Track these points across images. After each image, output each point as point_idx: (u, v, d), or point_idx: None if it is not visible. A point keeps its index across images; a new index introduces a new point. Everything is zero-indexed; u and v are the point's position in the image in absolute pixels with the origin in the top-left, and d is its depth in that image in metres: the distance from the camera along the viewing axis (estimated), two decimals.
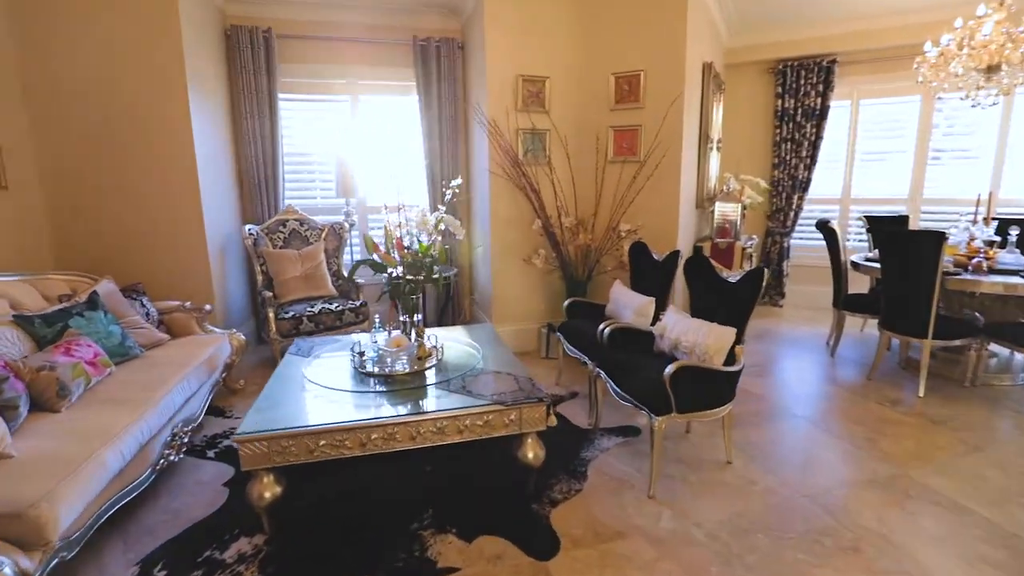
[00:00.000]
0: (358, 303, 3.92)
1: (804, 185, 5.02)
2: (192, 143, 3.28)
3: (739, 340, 2.30)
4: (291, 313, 3.64)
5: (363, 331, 3.74)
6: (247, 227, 3.89)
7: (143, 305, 2.99)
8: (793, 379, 3.57)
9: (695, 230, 4.34)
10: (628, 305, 3.04)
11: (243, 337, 3.36)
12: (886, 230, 3.39)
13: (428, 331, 2.85)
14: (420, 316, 2.62)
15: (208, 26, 3.69)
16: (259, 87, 4.08)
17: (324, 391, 2.22)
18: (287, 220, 4.17)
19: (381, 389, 2.24)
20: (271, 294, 3.77)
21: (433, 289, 4.65)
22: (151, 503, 2.19)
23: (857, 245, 5.05)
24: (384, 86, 4.49)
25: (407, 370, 2.38)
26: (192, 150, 3.29)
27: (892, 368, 3.65)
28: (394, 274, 2.54)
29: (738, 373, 2.27)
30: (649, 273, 3.21)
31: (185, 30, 3.20)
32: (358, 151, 4.53)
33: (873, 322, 3.92)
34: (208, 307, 3.24)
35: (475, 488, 2.29)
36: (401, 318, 2.59)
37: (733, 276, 2.47)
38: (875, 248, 3.76)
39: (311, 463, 1.93)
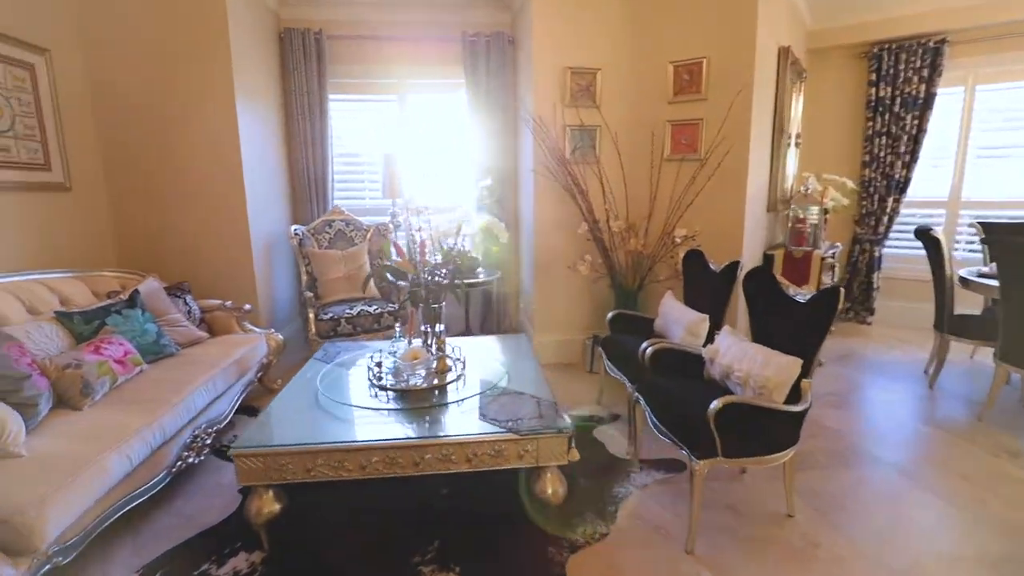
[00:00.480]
0: (397, 306, 3.84)
1: (901, 186, 4.35)
2: (238, 145, 3.33)
3: (806, 373, 1.92)
4: (330, 315, 3.62)
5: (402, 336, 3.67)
6: (294, 227, 3.93)
7: (186, 303, 3.06)
8: (879, 413, 3.04)
9: (766, 236, 3.86)
10: (678, 321, 2.70)
11: (280, 337, 3.38)
12: (1009, 240, 2.79)
13: (454, 341, 2.69)
14: (443, 326, 2.45)
15: (261, 30, 3.76)
16: (310, 88, 4.12)
17: (332, 404, 2.11)
18: (333, 221, 4.18)
19: (390, 406, 2.09)
20: (312, 294, 3.78)
21: (477, 294, 4.50)
22: (167, 504, 2.19)
23: (967, 256, 4.30)
24: (432, 84, 4.40)
25: (422, 385, 2.21)
26: (238, 152, 3.34)
27: (1012, 408, 3.02)
28: (414, 280, 2.38)
29: (803, 414, 1.89)
30: (704, 286, 2.85)
31: (234, 36, 3.25)
32: (405, 151, 4.47)
33: (987, 350, 3.29)
34: (247, 306, 3.27)
35: (490, 520, 2.08)
36: (422, 327, 2.44)
37: (802, 295, 2.08)
38: (992, 261, 3.14)
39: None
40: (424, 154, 4.54)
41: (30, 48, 2.72)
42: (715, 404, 1.78)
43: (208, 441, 2.41)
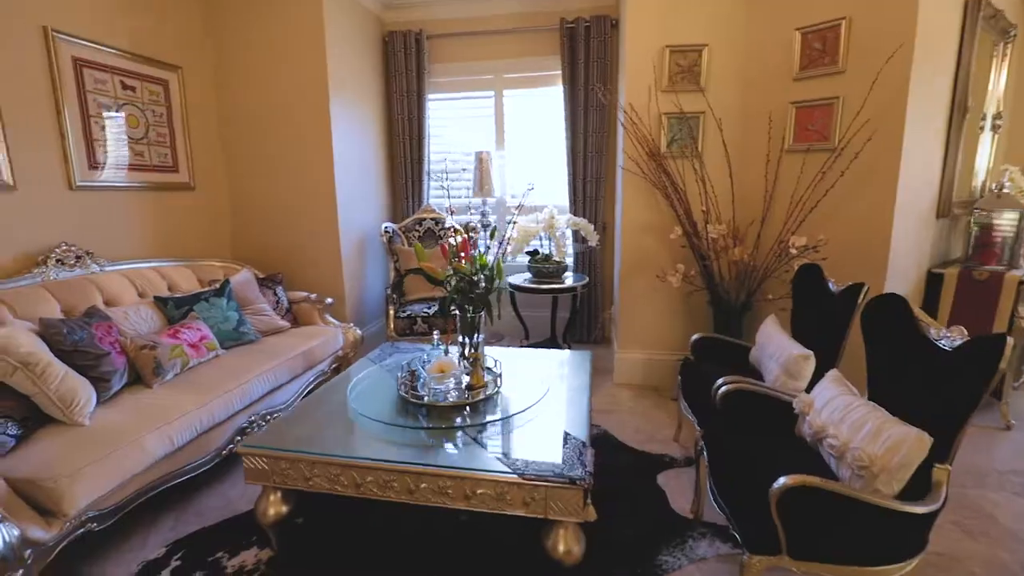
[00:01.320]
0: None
1: None
2: (330, 147, 3.50)
3: (943, 455, 1.32)
4: (407, 312, 3.64)
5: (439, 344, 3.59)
6: (384, 225, 4.05)
7: (275, 294, 3.29)
8: None
9: (933, 250, 2.94)
10: (775, 356, 2.14)
11: (359, 332, 3.48)
12: None
13: (498, 353, 2.47)
14: (481, 336, 2.25)
15: (362, 36, 3.91)
16: (409, 88, 4.20)
17: (351, 411, 2.03)
18: (423, 219, 4.22)
19: (400, 422, 1.94)
20: (394, 292, 3.85)
21: (565, 300, 4.20)
22: (215, 485, 2.33)
23: None
24: (528, 78, 4.20)
25: (441, 402, 2.03)
26: (330, 154, 3.51)
27: None
28: (449, 287, 2.21)
29: (928, 517, 1.29)
30: (818, 313, 2.21)
31: (331, 48, 3.41)
32: (498, 149, 4.36)
33: None
34: (329, 300, 3.42)
35: (500, 566, 1.83)
36: (460, 338, 2.26)
37: (948, 337, 1.44)
38: None
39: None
40: (517, 152, 4.38)
41: (165, 67, 3.14)
42: (782, 482, 1.30)
43: (264, 428, 2.53)
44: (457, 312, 2.20)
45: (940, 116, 2.69)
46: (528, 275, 3.92)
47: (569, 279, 3.99)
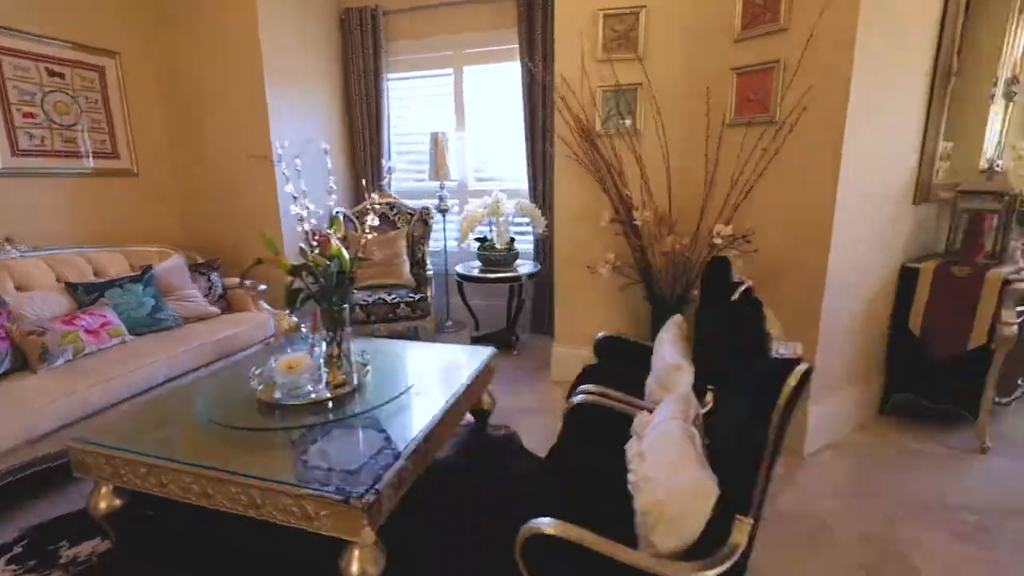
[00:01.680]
0: (416, 296, 3.62)
1: None
2: (268, 133, 3.41)
3: (743, 505, 1.06)
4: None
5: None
6: (336, 210, 3.95)
7: (209, 280, 3.30)
8: None
9: (909, 240, 2.50)
10: (656, 365, 1.87)
11: (294, 319, 3.43)
12: None
13: (375, 346, 2.34)
14: (350, 329, 2.11)
15: (314, 15, 3.79)
16: (367, 68, 4.07)
17: (196, 408, 1.96)
18: (376, 204, 4.11)
19: (242, 424, 1.82)
20: None
21: (517, 289, 3.97)
22: None
23: None
24: (487, 53, 3.95)
25: (285, 402, 1.91)
26: (268, 141, 3.41)
27: None
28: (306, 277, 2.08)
29: None
30: (717, 313, 1.91)
31: (265, 28, 3.30)
32: (458, 130, 4.16)
33: None
34: (263, 287, 3.39)
35: None
36: (324, 332, 2.13)
37: (786, 346, 1.15)
38: None
39: None
40: (479, 132, 4.16)
41: (100, 52, 3.15)
42: (530, 526, 1.08)
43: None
44: (321, 306, 2.08)
45: (916, 81, 2.25)
46: (479, 263, 3.76)
47: (526, 267, 3.79)
